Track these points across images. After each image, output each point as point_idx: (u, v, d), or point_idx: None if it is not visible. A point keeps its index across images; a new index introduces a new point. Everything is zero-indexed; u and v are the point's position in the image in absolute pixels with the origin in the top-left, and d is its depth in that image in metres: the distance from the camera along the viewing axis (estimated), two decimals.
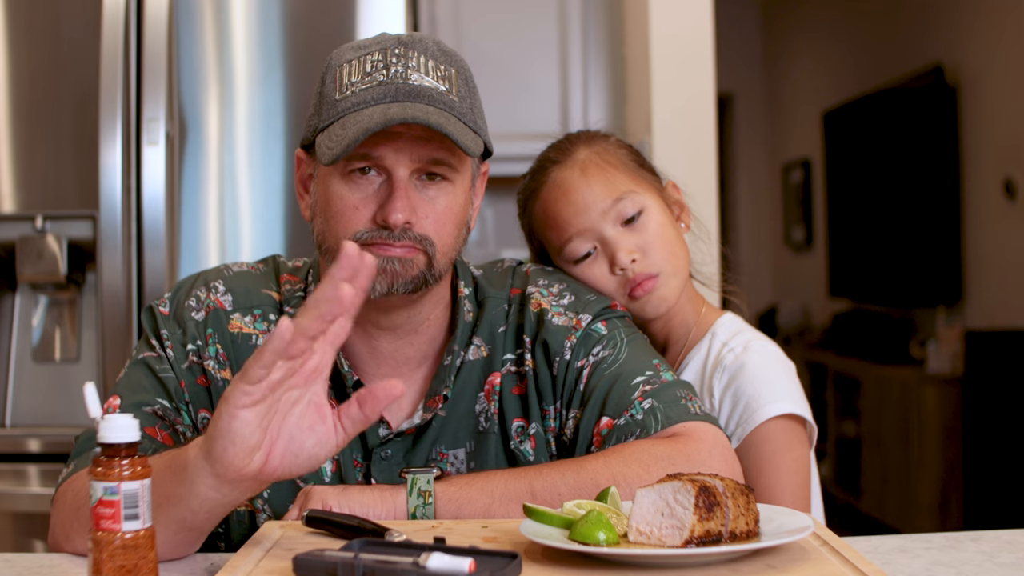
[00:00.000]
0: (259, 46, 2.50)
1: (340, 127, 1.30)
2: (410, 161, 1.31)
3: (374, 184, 1.32)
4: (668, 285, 1.57)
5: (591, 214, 1.56)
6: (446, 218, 1.35)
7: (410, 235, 1.31)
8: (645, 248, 1.56)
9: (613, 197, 1.56)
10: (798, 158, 7.28)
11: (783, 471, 1.50)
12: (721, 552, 1.06)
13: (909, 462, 5.09)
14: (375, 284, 1.32)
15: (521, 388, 1.43)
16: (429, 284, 1.35)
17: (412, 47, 1.34)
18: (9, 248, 2.45)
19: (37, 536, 2.40)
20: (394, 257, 1.32)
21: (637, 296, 1.56)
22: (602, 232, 1.56)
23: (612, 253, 1.55)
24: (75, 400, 2.41)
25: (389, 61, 1.32)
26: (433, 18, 3.17)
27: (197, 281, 1.47)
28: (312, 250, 1.51)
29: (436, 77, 1.33)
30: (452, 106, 1.32)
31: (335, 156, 1.28)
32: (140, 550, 1.01)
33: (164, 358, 1.40)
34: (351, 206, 1.32)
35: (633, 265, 1.55)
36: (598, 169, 1.58)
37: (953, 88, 5.27)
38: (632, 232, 1.56)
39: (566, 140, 1.65)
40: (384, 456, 1.40)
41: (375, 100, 1.30)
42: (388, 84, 1.31)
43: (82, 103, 2.41)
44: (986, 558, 1.15)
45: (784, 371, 1.57)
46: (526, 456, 1.42)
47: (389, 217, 1.30)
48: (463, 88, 1.36)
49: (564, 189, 1.58)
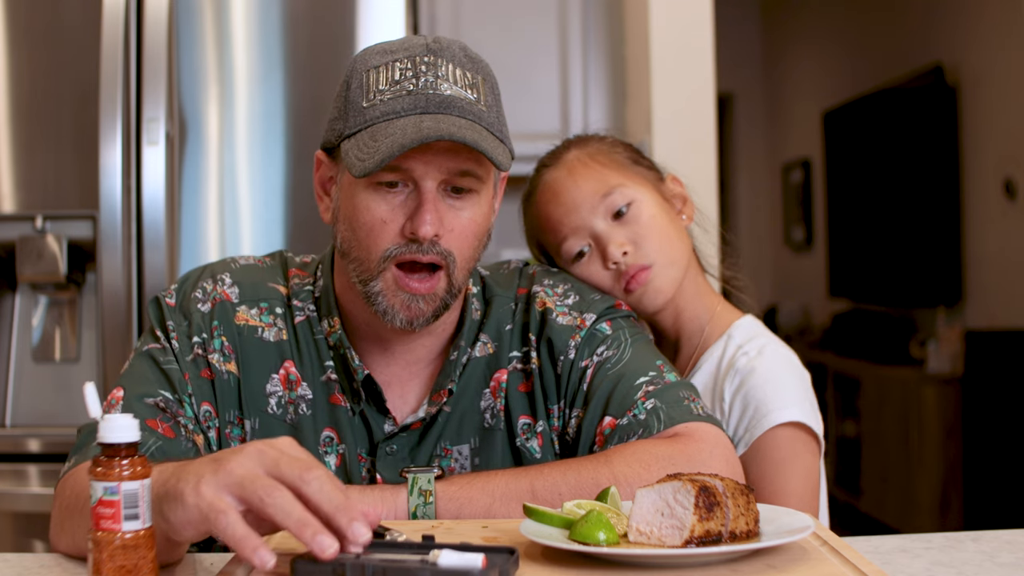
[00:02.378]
0: (259, 46, 2.50)
1: (370, 138, 1.30)
2: (439, 173, 1.31)
3: (401, 196, 1.32)
4: (663, 276, 1.56)
5: (581, 211, 1.56)
6: (470, 231, 1.35)
7: (437, 249, 1.32)
8: (636, 240, 1.55)
9: (601, 193, 1.56)
10: (798, 158, 7.28)
11: (791, 478, 1.50)
12: (721, 552, 1.06)
13: (909, 462, 5.09)
14: (398, 318, 1.34)
15: (527, 386, 1.44)
16: (449, 305, 1.37)
17: (440, 55, 1.33)
18: (9, 248, 2.45)
19: (37, 536, 2.40)
20: (418, 296, 1.33)
21: (632, 289, 1.56)
22: (593, 227, 1.56)
23: (603, 247, 1.55)
24: (75, 400, 2.41)
25: (419, 70, 1.32)
26: (433, 18, 3.17)
27: (204, 273, 1.47)
28: (313, 250, 1.52)
29: (464, 85, 1.33)
30: (481, 116, 1.32)
31: (367, 169, 1.27)
32: (140, 550, 1.01)
33: (168, 349, 1.40)
34: (379, 219, 1.32)
35: (625, 258, 1.55)
36: (585, 167, 1.59)
37: (953, 88, 5.27)
38: (622, 225, 1.56)
39: (560, 145, 1.66)
40: (389, 451, 1.41)
41: (405, 111, 1.30)
42: (418, 94, 1.30)
43: (82, 103, 2.41)
44: (986, 558, 1.15)
45: (797, 378, 1.56)
46: (532, 453, 1.42)
47: (419, 230, 1.30)
48: (490, 96, 1.36)
49: (554, 191, 1.59)
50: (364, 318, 1.41)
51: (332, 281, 1.44)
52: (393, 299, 1.34)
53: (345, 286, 1.42)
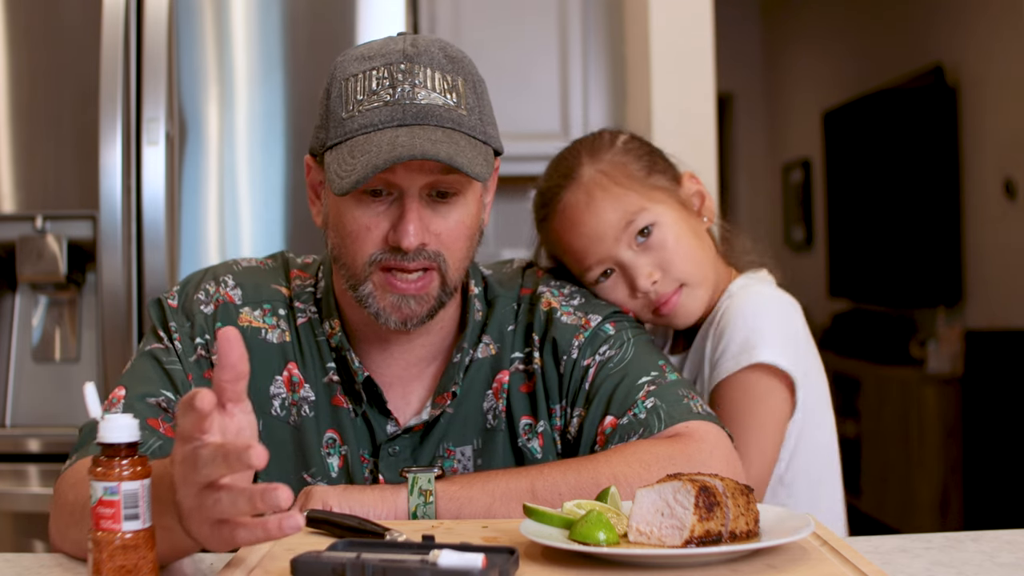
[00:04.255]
0: (259, 46, 2.50)
1: (349, 153, 1.29)
2: (420, 179, 1.30)
3: (385, 203, 1.32)
4: (694, 296, 1.55)
5: (604, 242, 1.52)
6: (458, 233, 1.35)
7: (424, 254, 1.32)
8: (664, 266, 1.53)
9: (624, 221, 1.52)
10: (798, 158, 7.28)
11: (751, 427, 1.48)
12: (721, 552, 1.06)
13: (909, 462, 5.09)
14: (391, 320, 1.34)
15: (529, 386, 1.44)
16: (444, 304, 1.37)
17: (417, 60, 1.32)
18: (9, 248, 2.45)
19: (37, 536, 2.40)
20: (408, 296, 1.33)
21: (664, 314, 1.55)
22: (618, 257, 1.53)
23: (631, 279, 1.53)
24: (75, 400, 2.41)
25: (395, 79, 1.31)
26: (433, 18, 3.17)
27: (206, 275, 1.47)
28: (313, 250, 1.51)
29: (443, 91, 1.32)
30: (461, 122, 1.31)
31: (344, 189, 1.27)
32: (140, 550, 1.01)
33: (172, 350, 1.40)
34: (363, 227, 1.32)
35: (655, 287, 1.53)
36: (603, 192, 1.53)
37: (953, 88, 5.27)
38: (648, 252, 1.53)
39: (571, 154, 1.59)
40: (392, 452, 1.41)
41: (382, 123, 1.29)
42: (395, 105, 1.30)
43: (82, 103, 2.41)
44: (986, 558, 1.15)
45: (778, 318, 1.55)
46: (533, 454, 1.42)
47: (402, 242, 1.30)
48: (471, 97, 1.34)
49: (572, 221, 1.54)
50: (362, 319, 1.41)
51: (332, 282, 1.45)
52: (383, 301, 1.34)
53: (343, 289, 1.42)
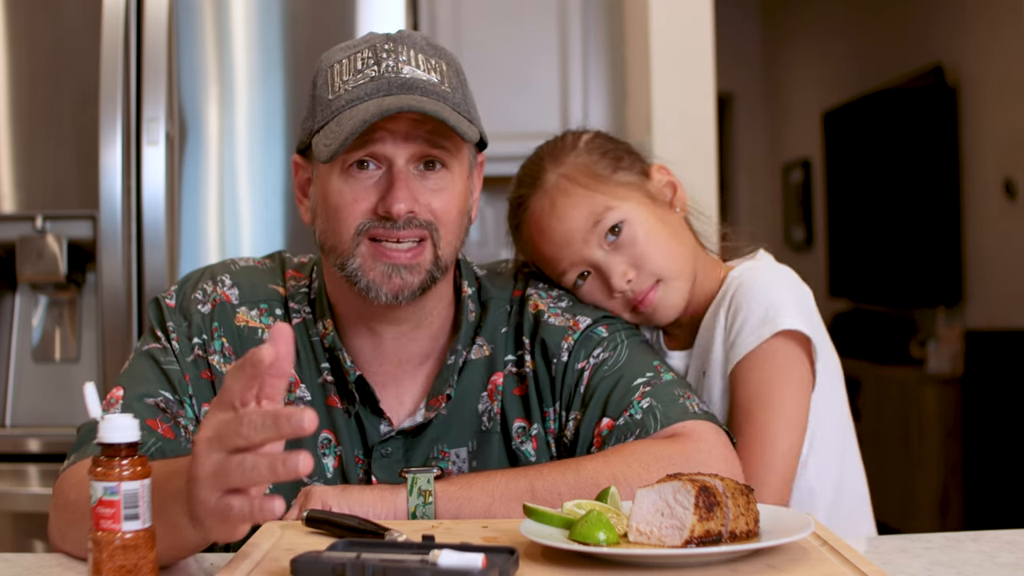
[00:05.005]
0: (259, 46, 2.50)
1: (336, 124, 1.30)
2: (408, 146, 1.31)
3: (373, 177, 1.33)
4: (672, 290, 1.52)
5: (574, 245, 1.49)
6: (449, 204, 1.35)
7: (415, 223, 1.32)
8: (637, 263, 1.50)
9: (591, 222, 1.49)
10: (798, 158, 7.28)
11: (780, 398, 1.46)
12: (721, 552, 1.06)
13: (909, 462, 5.09)
14: (381, 292, 1.33)
15: (522, 389, 1.44)
16: (436, 279, 1.36)
17: (401, 42, 1.34)
18: (9, 248, 2.45)
19: (37, 536, 2.40)
20: (400, 266, 1.32)
21: (643, 311, 1.52)
22: (590, 258, 1.50)
23: (605, 277, 1.50)
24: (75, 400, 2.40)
25: (380, 56, 1.33)
26: (433, 18, 3.17)
27: (204, 275, 1.47)
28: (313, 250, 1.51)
29: (427, 69, 1.34)
30: (445, 96, 1.33)
31: (333, 152, 1.28)
32: (140, 550, 1.01)
33: (169, 350, 1.40)
34: (350, 200, 1.32)
35: (630, 285, 1.50)
36: (566, 196, 1.50)
37: (953, 88, 5.27)
38: (620, 250, 1.50)
39: (534, 160, 1.56)
40: (385, 453, 1.40)
41: (368, 95, 1.31)
42: (380, 79, 1.32)
43: (82, 103, 2.41)
44: (986, 558, 1.15)
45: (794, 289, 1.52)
46: (527, 457, 1.42)
47: (392, 208, 1.30)
48: (454, 80, 1.36)
49: (540, 227, 1.52)
50: (354, 310, 1.40)
51: (324, 281, 1.44)
52: (372, 272, 1.33)
53: (333, 282, 1.41)
